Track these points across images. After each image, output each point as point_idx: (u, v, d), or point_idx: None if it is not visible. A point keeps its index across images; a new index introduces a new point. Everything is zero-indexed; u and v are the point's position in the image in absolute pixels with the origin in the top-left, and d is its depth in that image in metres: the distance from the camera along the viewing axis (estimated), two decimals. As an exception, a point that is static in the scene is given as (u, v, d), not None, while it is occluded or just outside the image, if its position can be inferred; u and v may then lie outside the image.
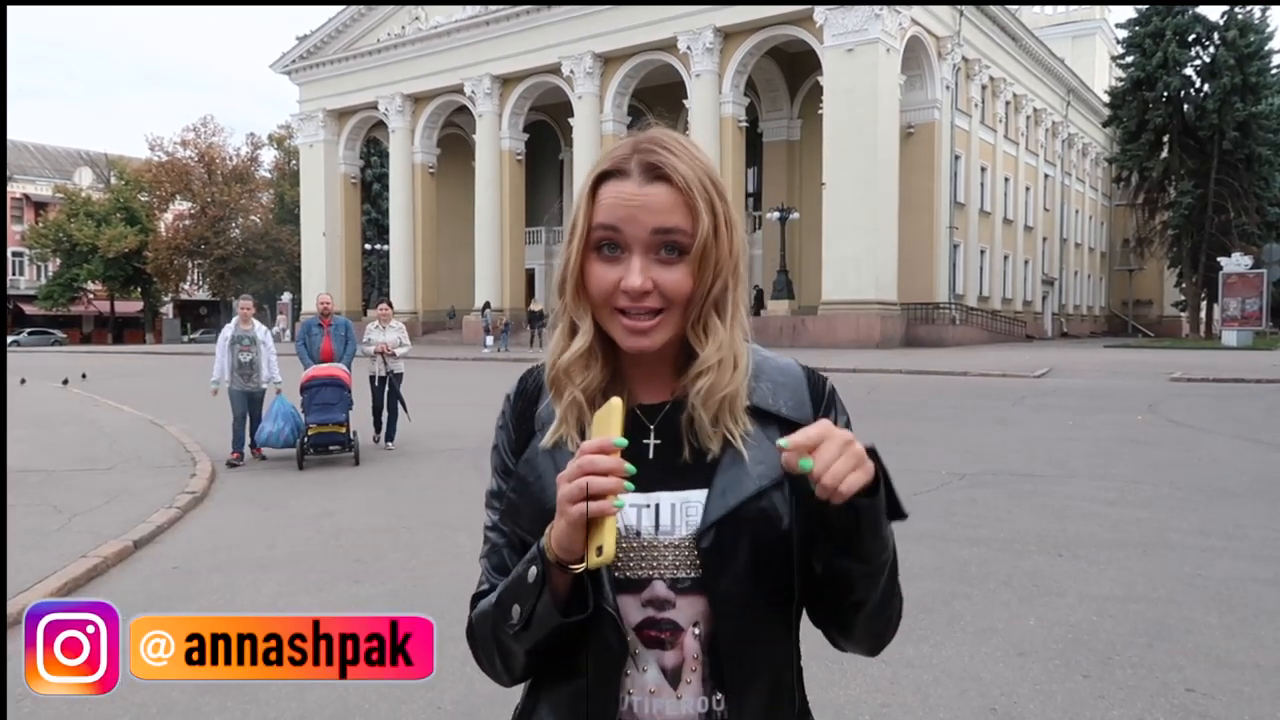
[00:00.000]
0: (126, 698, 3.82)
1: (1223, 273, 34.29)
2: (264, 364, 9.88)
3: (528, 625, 1.01)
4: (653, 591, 1.05)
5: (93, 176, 65.18)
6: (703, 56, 33.31)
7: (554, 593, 0.99)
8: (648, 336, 1.04)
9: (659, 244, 1.02)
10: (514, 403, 1.17)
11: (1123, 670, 3.86)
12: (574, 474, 0.94)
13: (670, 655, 1.05)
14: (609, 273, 1.03)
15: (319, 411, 9.46)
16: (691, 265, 1.03)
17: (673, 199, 1.02)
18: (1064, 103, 49.27)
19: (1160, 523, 6.45)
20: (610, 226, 1.02)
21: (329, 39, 44.67)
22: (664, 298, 1.03)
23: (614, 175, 1.04)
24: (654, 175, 1.02)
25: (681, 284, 1.03)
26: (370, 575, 5.59)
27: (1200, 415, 12.23)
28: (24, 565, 5.59)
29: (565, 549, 0.96)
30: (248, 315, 10.06)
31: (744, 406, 1.07)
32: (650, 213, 1.02)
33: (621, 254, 1.03)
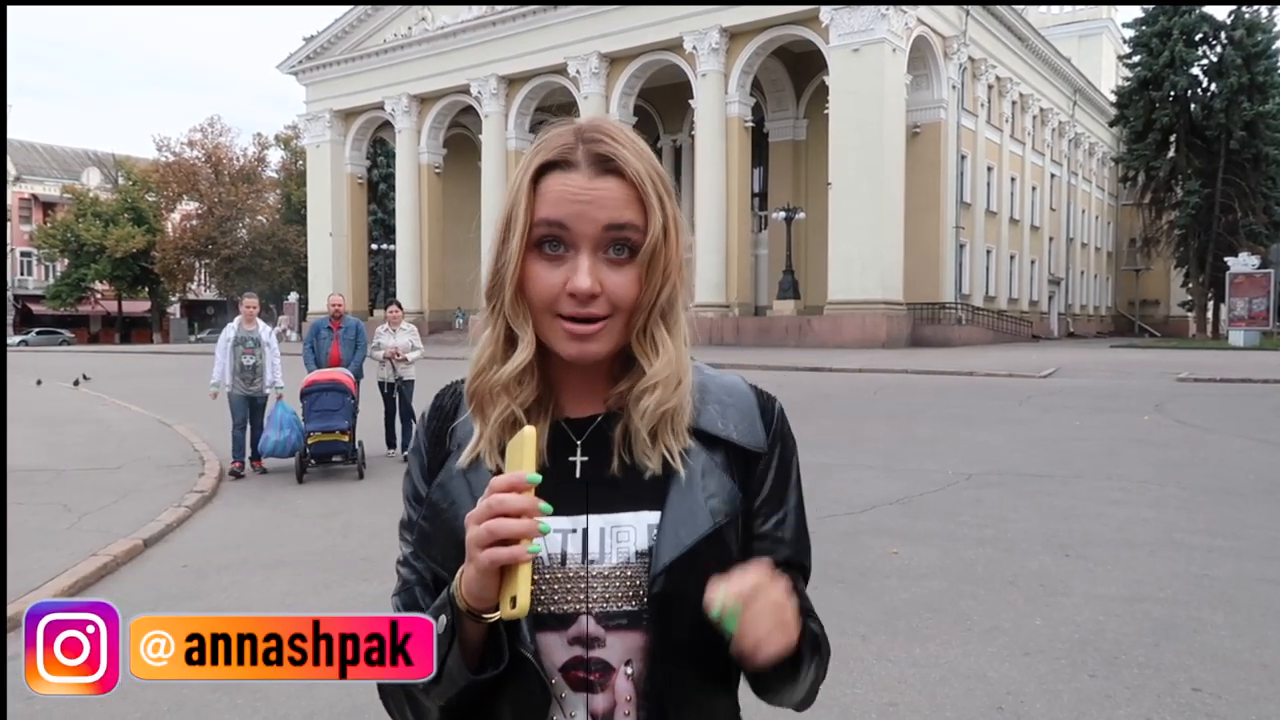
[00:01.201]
0: (137, 695, 3.84)
1: (1230, 272, 34.21)
2: (268, 367, 9.24)
3: (438, 680, 0.89)
4: (580, 628, 0.94)
5: (100, 177, 65.40)
6: (708, 56, 33.31)
7: (465, 645, 0.88)
8: (593, 342, 0.93)
9: (609, 242, 0.92)
10: (429, 422, 1.05)
11: (1129, 670, 3.87)
12: (482, 515, 0.83)
13: (600, 699, 0.94)
14: (551, 274, 0.92)
15: (319, 419, 8.75)
16: (640, 268, 0.93)
17: (625, 194, 0.92)
18: (1070, 102, 49.17)
19: (1167, 523, 6.45)
20: (556, 223, 0.92)
21: (335, 40, 44.76)
22: (610, 302, 0.92)
23: (558, 166, 0.93)
24: (605, 168, 0.92)
25: (629, 288, 0.93)
26: (378, 574, 5.60)
27: (1207, 415, 12.20)
28: (34, 564, 5.63)
29: (476, 597, 0.85)
30: (252, 315, 9.41)
31: (686, 424, 0.97)
32: (601, 209, 0.91)
33: (566, 253, 0.92)
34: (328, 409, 8.77)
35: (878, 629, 4.37)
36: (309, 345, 9.71)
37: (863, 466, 8.48)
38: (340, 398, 8.84)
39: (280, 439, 8.82)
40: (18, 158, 63.75)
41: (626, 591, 0.94)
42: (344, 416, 8.80)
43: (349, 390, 8.93)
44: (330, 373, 9.10)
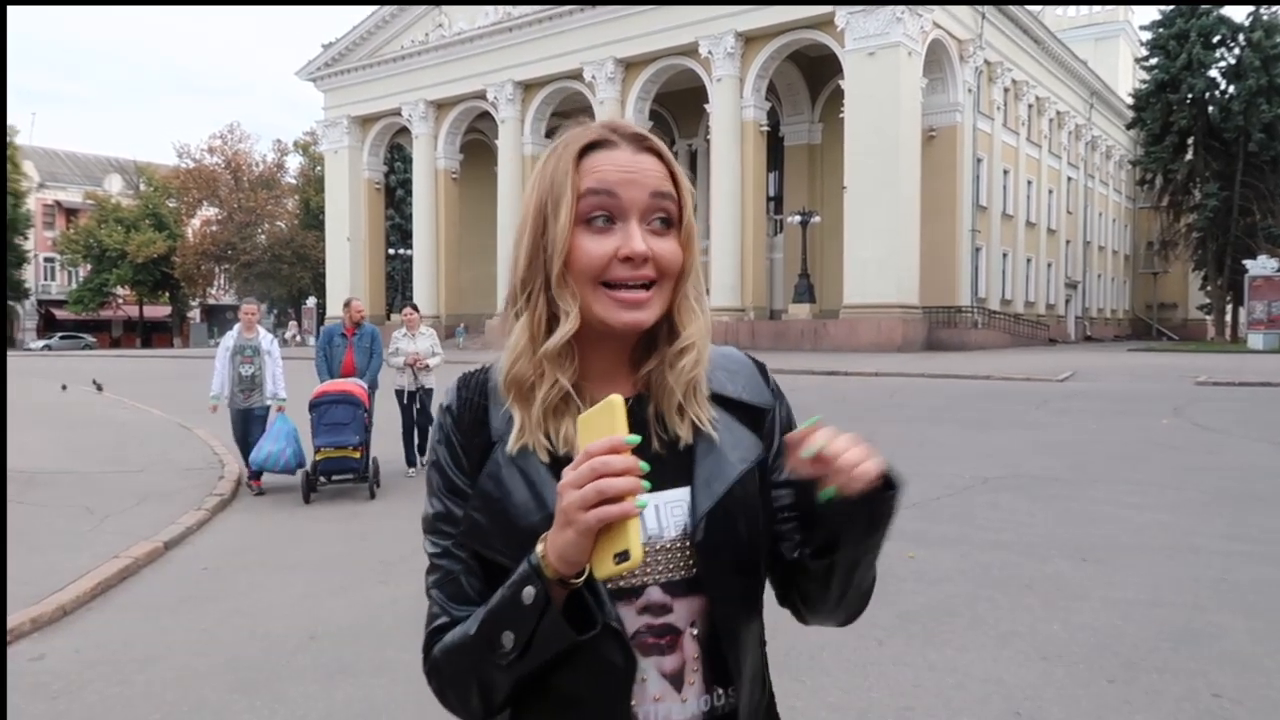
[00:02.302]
0: (158, 696, 3.89)
1: (1248, 275, 33.94)
2: (268, 378, 8.64)
3: (524, 653, 0.91)
4: (648, 598, 0.99)
5: (122, 183, 66.01)
6: (724, 61, 33.32)
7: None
8: (644, 309, 0.98)
9: (653, 211, 0.98)
10: (458, 414, 1.05)
11: (1148, 675, 3.85)
12: (583, 478, 0.85)
13: (670, 660, 1.00)
14: (601, 244, 0.97)
15: (328, 433, 8.03)
16: (685, 237, 1.01)
17: (661, 170, 1.00)
18: (1087, 105, 48.90)
19: (1185, 527, 6.41)
20: (606, 190, 0.97)
21: (353, 46, 45.05)
22: (659, 268, 0.98)
23: (599, 146, 1.00)
24: (643, 145, 1.00)
25: (675, 255, 1.00)
26: (396, 577, 5.64)
27: (1226, 419, 12.11)
28: (57, 565, 5.70)
29: (569, 562, 0.88)
30: (252, 322, 8.83)
31: (705, 393, 1.05)
32: (648, 176, 0.98)
33: (613, 225, 0.98)
34: (337, 422, 8.08)
35: (894, 633, 4.37)
36: (321, 353, 9.13)
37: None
38: (351, 410, 8.14)
39: (275, 451, 8.09)
40: (41, 164, 64.43)
41: (686, 560, 1.00)
42: (355, 430, 8.09)
43: (360, 402, 8.23)
44: (341, 383, 8.46)
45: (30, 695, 3.91)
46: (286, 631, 4.68)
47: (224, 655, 4.35)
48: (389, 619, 4.82)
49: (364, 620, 4.82)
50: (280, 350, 9.03)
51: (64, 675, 4.16)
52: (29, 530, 6.62)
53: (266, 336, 8.85)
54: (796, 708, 3.51)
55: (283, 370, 8.74)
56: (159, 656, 4.36)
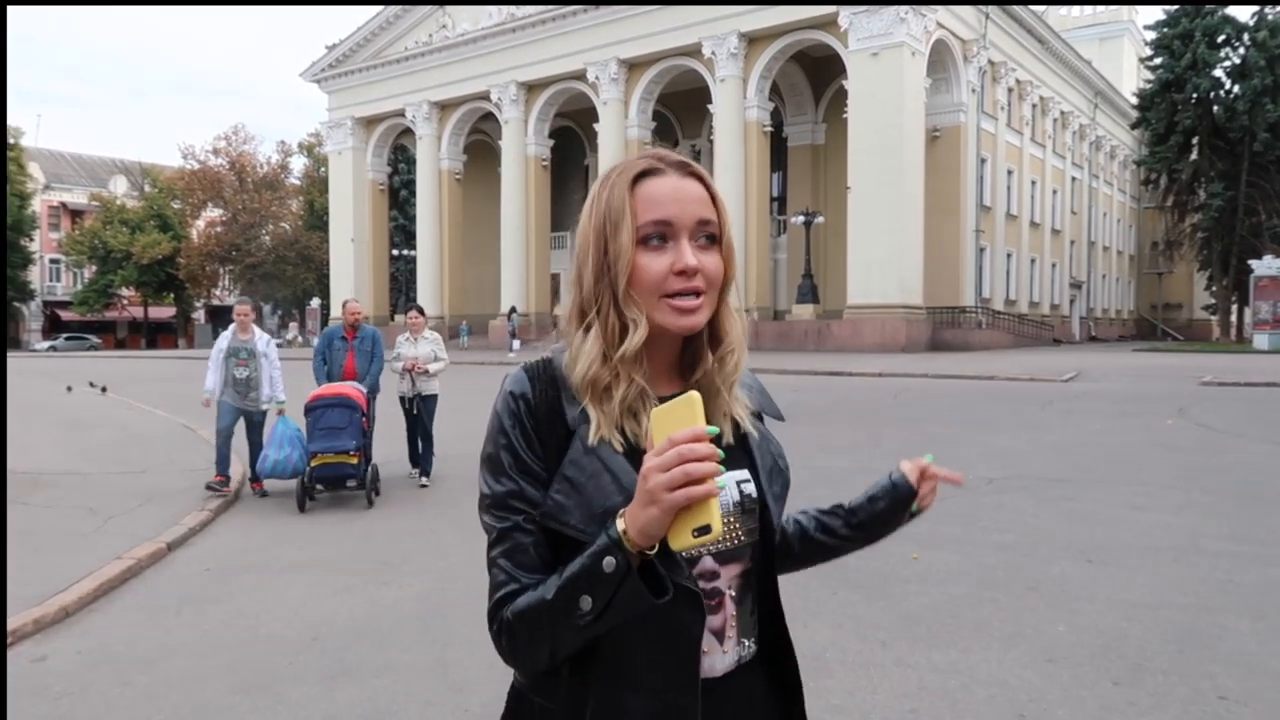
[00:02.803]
0: (161, 698, 3.89)
1: (1254, 275, 33.85)
2: (265, 380, 8.35)
3: (600, 615, 1.04)
4: (702, 566, 1.16)
5: (127, 184, 66.14)
6: (727, 62, 33.30)
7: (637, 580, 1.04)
8: (695, 315, 1.13)
9: (699, 231, 1.14)
10: (532, 403, 1.16)
11: (1153, 677, 3.83)
12: (670, 463, 0.97)
13: (716, 618, 1.17)
14: (658, 261, 1.13)
15: (323, 438, 7.74)
16: (726, 252, 1.16)
17: (703, 194, 1.15)
18: (1091, 105, 48.81)
19: (1190, 528, 6.38)
20: (664, 221, 1.13)
21: (357, 47, 45.10)
22: (706, 280, 1.13)
23: (650, 174, 1.16)
24: (686, 171, 1.16)
25: (719, 267, 1.15)
26: (399, 578, 5.64)
27: (1231, 420, 12.07)
28: (61, 566, 5.70)
29: (649, 536, 1.00)
30: (246, 323, 8.49)
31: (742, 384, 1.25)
32: (692, 203, 1.14)
33: (665, 244, 1.13)
34: (333, 427, 7.79)
35: (898, 634, 4.35)
36: (320, 356, 8.80)
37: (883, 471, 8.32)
38: (348, 414, 7.85)
39: (280, 458, 7.89)
40: (46, 166, 64.60)
41: (731, 535, 1.17)
42: (352, 435, 7.78)
43: (358, 406, 7.93)
44: (337, 387, 8.16)
45: (32, 696, 3.91)
46: (289, 633, 4.67)
47: (226, 656, 4.34)
48: (392, 620, 4.81)
49: (366, 621, 4.82)
50: (280, 351, 8.93)
51: (66, 676, 4.15)
52: (32, 531, 6.63)
53: (263, 338, 8.51)
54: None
55: (280, 372, 8.47)
56: (161, 658, 4.36)
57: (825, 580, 5.07)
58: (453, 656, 4.23)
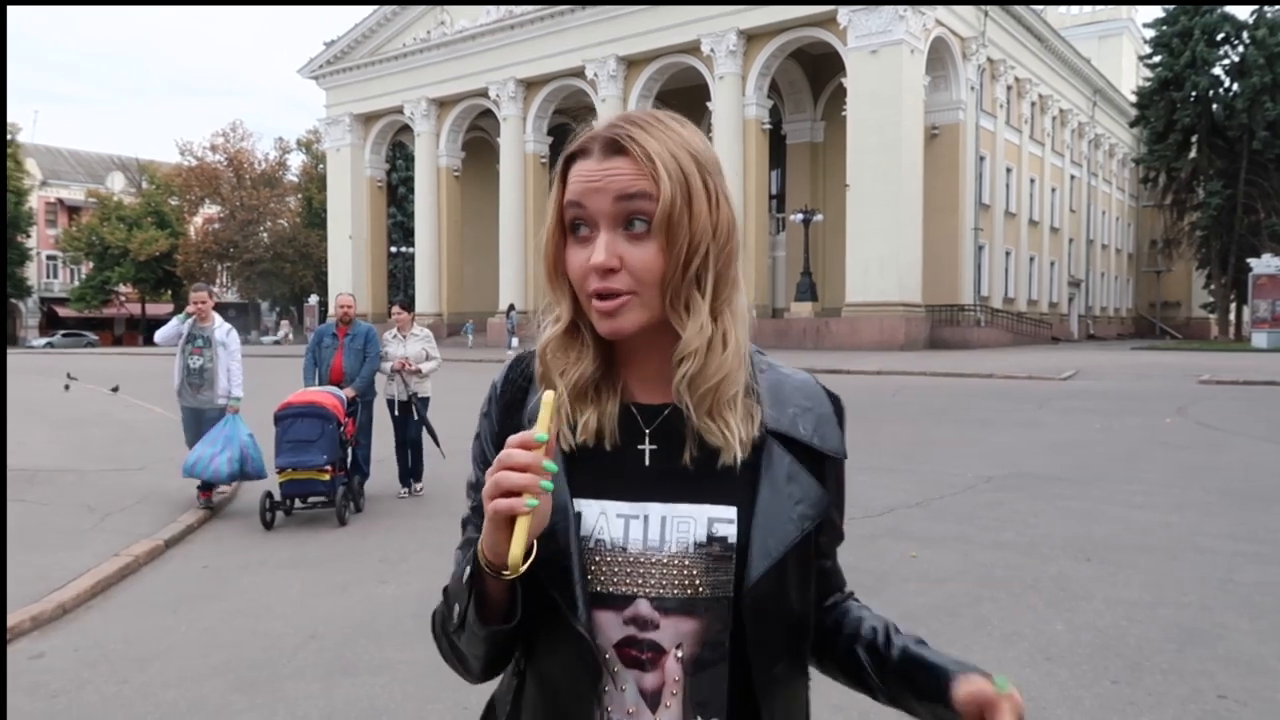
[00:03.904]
0: (157, 695, 3.88)
1: (1252, 274, 33.87)
2: (221, 373, 7.56)
3: (462, 627, 0.94)
4: (635, 610, 0.97)
5: (124, 181, 66.04)
6: (726, 59, 33.28)
7: (487, 598, 0.92)
8: (618, 318, 0.95)
9: (625, 216, 0.94)
10: (500, 391, 1.09)
11: (1152, 676, 3.83)
12: (494, 469, 0.86)
13: (650, 677, 0.97)
14: (579, 255, 0.96)
15: (290, 452, 6.95)
16: (659, 237, 0.94)
17: (634, 169, 0.94)
18: (1090, 103, 48.81)
19: (1189, 527, 6.38)
20: (576, 203, 0.96)
21: (355, 44, 45.05)
22: (632, 276, 0.94)
23: (579, 155, 0.98)
24: (614, 149, 0.96)
25: (651, 261, 0.94)
26: (397, 576, 5.64)
27: (1230, 418, 12.07)
28: (58, 564, 5.69)
29: (492, 551, 0.88)
30: (205, 311, 7.63)
31: (735, 394, 0.99)
32: (611, 182, 0.94)
33: (592, 233, 0.96)
34: (301, 439, 6.99)
35: (896, 633, 4.34)
36: (310, 355, 8.15)
37: (882, 469, 8.42)
38: (318, 425, 7.06)
39: (205, 456, 7.08)
40: (44, 162, 64.50)
41: (682, 580, 0.97)
42: (323, 449, 7.00)
43: (331, 415, 7.13)
44: (309, 393, 7.38)
45: (29, 694, 3.90)
46: (286, 630, 4.66)
47: (224, 654, 4.33)
48: (389, 618, 4.81)
49: (364, 619, 4.81)
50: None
51: (63, 674, 4.14)
52: (29, 528, 6.61)
53: (223, 327, 7.74)
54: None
55: (240, 366, 7.71)
56: (159, 655, 4.35)
57: (824, 578, 5.06)
58: (451, 655, 4.21)
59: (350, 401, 7.61)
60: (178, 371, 7.65)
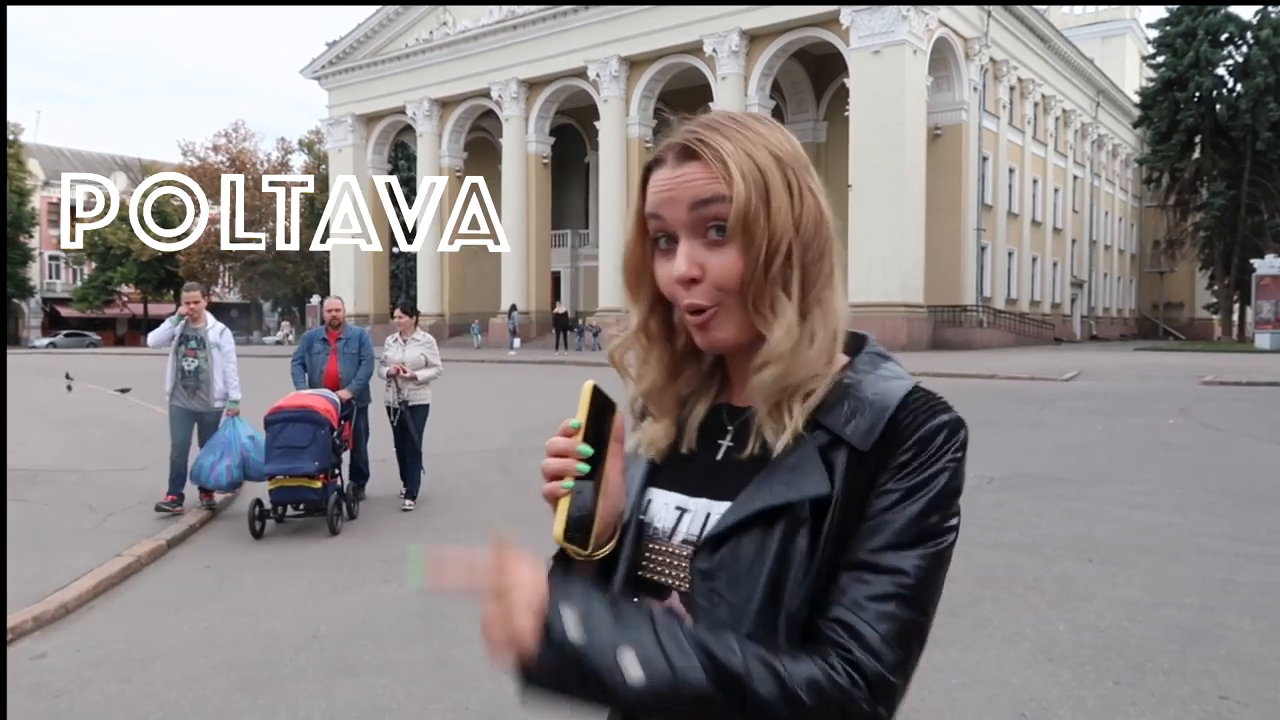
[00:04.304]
0: (160, 695, 3.88)
1: (1256, 275, 33.79)
2: (217, 375, 7.36)
3: None
4: (671, 603, 0.95)
5: (127, 181, 66.09)
6: (728, 59, 33.28)
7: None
8: (711, 331, 0.94)
9: (704, 222, 0.92)
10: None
11: (1154, 676, 3.83)
12: (546, 454, 0.92)
13: None
14: (664, 268, 0.95)
15: (280, 458, 6.73)
16: (736, 240, 0.91)
17: (707, 173, 0.92)
18: (1094, 104, 48.75)
19: (1192, 527, 6.38)
20: (654, 214, 0.95)
21: (358, 45, 45.06)
22: (715, 286, 0.92)
23: (656, 165, 0.97)
24: (687, 155, 0.93)
25: (731, 266, 0.91)
26: (398, 575, 5.63)
27: (1233, 419, 12.05)
28: (60, 564, 5.69)
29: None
30: (198, 312, 7.43)
31: (807, 395, 0.93)
32: (685, 190, 0.92)
33: (673, 245, 0.94)
34: (292, 445, 6.75)
35: (898, 633, 4.34)
36: (299, 361, 7.87)
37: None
38: (310, 430, 6.80)
39: (206, 464, 7.02)
40: (46, 163, 64.54)
41: (672, 571, 0.97)
42: (314, 455, 6.74)
43: (324, 420, 6.87)
44: (300, 397, 7.12)
45: (31, 694, 3.91)
46: (288, 630, 4.67)
47: (226, 654, 4.34)
48: (391, 618, 4.81)
49: (366, 619, 4.81)
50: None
51: (65, 674, 4.15)
52: (31, 528, 6.62)
53: (216, 327, 7.56)
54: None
55: (236, 367, 7.52)
56: (161, 655, 4.35)
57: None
58: (453, 655, 4.22)
59: (345, 404, 7.38)
60: (170, 374, 7.41)
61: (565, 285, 45.00)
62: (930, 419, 0.91)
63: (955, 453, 0.92)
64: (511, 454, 9.67)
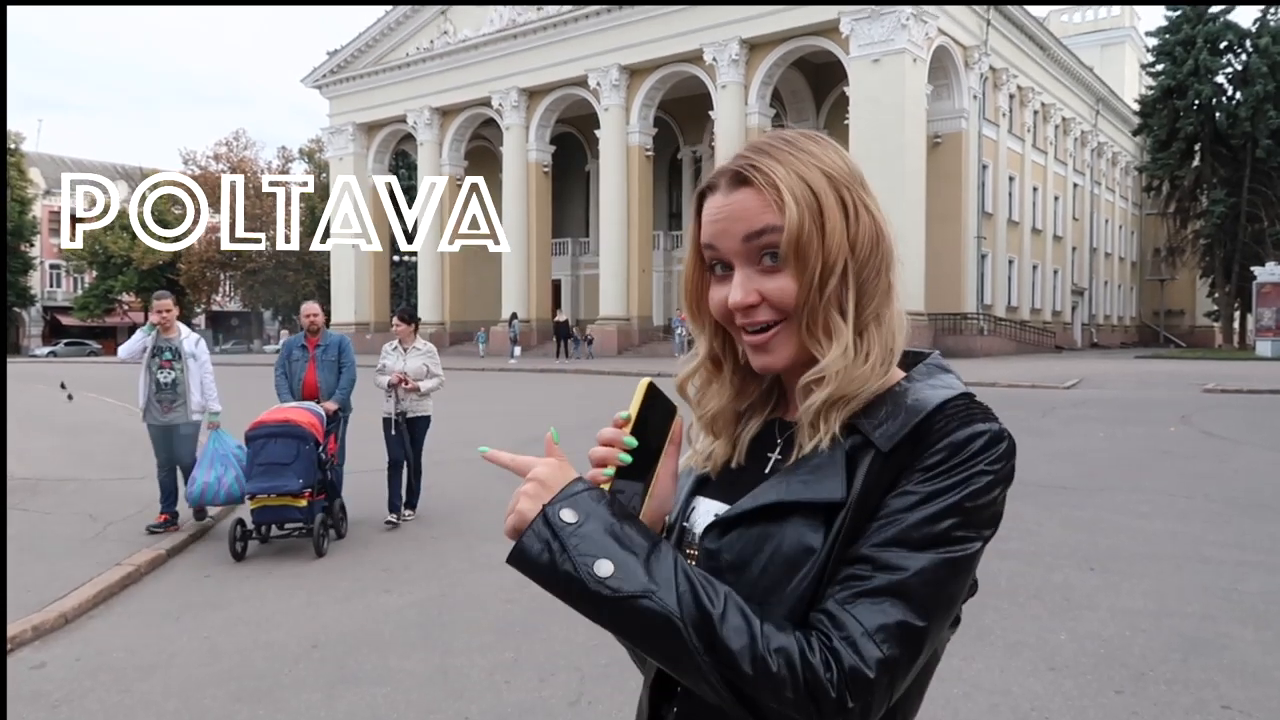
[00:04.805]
0: (159, 704, 3.87)
1: (1256, 282, 33.82)
2: (194, 386, 7.06)
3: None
4: None
5: (128, 189, 66.21)
6: (729, 68, 33.35)
7: None
8: (769, 353, 0.95)
9: (757, 251, 0.93)
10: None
11: (1157, 686, 3.81)
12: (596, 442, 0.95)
13: None
14: (719, 293, 0.97)
15: (262, 476, 6.35)
16: (789, 265, 0.92)
17: (759, 200, 0.93)
18: (1093, 111, 48.84)
19: (1194, 536, 6.36)
20: (710, 245, 0.97)
21: (359, 53, 45.18)
22: (774, 309, 0.94)
23: (709, 191, 0.98)
24: (738, 181, 0.95)
25: (788, 289, 0.93)
26: (399, 585, 5.63)
27: (1234, 427, 12.04)
28: (59, 573, 5.69)
29: None
30: (170, 320, 7.10)
31: (852, 401, 0.93)
32: (737, 221, 0.93)
33: (728, 272, 0.96)
34: (275, 462, 6.39)
35: (900, 643, 4.32)
36: (280, 370, 7.47)
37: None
38: (294, 446, 6.43)
39: (211, 480, 6.67)
40: (47, 171, 64.66)
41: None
42: (298, 472, 6.37)
43: (308, 435, 6.50)
44: (284, 411, 6.76)
45: (31, 703, 3.90)
46: (289, 640, 4.66)
47: (226, 664, 4.33)
48: (392, 627, 4.80)
49: (367, 628, 4.80)
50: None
51: (65, 684, 4.14)
52: (31, 537, 6.62)
53: (191, 337, 7.25)
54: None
55: (213, 377, 7.25)
56: (160, 665, 4.34)
57: (827, 588, 5.05)
58: (453, 664, 4.21)
59: (331, 417, 7.08)
60: (143, 388, 7.06)
61: (566, 293, 45.00)
62: (966, 426, 0.92)
63: (991, 464, 0.92)
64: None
